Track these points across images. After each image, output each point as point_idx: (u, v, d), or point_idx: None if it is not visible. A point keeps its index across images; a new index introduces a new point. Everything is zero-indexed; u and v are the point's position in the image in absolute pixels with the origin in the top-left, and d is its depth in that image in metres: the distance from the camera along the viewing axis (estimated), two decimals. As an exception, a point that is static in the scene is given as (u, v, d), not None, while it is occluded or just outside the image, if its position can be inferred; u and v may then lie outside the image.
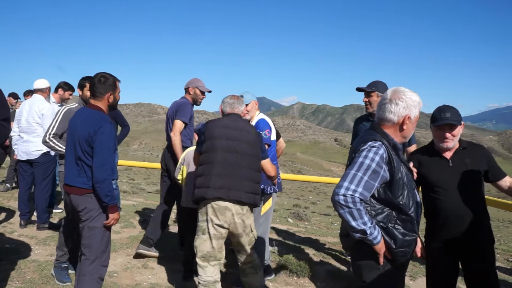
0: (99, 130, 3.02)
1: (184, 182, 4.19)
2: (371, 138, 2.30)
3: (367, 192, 2.16)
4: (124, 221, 6.29)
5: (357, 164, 2.19)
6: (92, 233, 3.13)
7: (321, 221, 8.86)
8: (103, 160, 3.02)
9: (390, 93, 2.39)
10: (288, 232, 6.83)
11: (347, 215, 2.12)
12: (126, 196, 9.47)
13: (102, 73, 3.23)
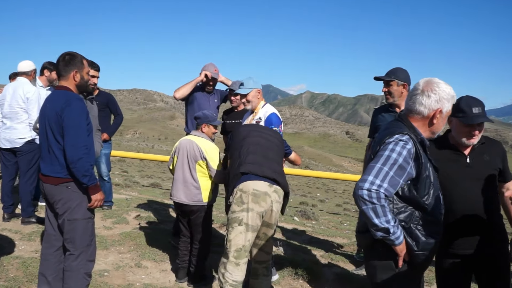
0: (66, 107, 3.03)
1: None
2: (398, 130, 2.28)
3: (392, 189, 2.16)
4: (116, 216, 6.30)
5: (383, 157, 2.18)
6: (72, 226, 3.14)
7: (329, 220, 8.86)
8: (74, 138, 3.03)
9: (423, 84, 2.37)
10: (294, 232, 6.82)
11: (370, 212, 2.11)
12: (118, 189, 9.48)
13: (68, 52, 3.25)
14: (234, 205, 3.33)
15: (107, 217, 6.20)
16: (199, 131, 4.32)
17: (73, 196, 3.13)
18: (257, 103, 4.14)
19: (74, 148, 3.01)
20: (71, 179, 3.12)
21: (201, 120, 4.31)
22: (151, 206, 7.43)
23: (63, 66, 3.19)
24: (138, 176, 17.15)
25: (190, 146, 4.19)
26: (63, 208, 3.12)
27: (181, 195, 4.17)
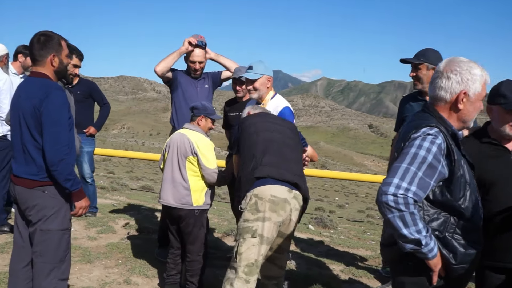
0: (46, 99, 3.02)
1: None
2: (425, 123, 2.27)
3: (422, 192, 2.14)
4: (101, 224, 6.33)
5: (410, 155, 2.16)
6: (45, 237, 3.13)
7: (350, 229, 8.85)
8: (55, 136, 3.02)
9: (443, 65, 2.36)
10: (309, 242, 6.82)
11: (397, 221, 2.09)
12: (103, 193, 9.54)
13: (43, 31, 3.21)
14: (248, 212, 3.24)
15: (91, 225, 6.23)
16: (194, 124, 4.33)
17: (50, 202, 3.11)
18: (265, 93, 4.09)
19: (55, 148, 3.00)
20: (50, 183, 3.11)
21: (198, 112, 4.32)
22: (142, 213, 7.46)
23: (38, 49, 3.15)
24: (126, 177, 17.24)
25: (180, 141, 4.21)
26: (37, 216, 3.11)
27: (169, 196, 4.20)
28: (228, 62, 5.22)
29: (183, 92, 5.06)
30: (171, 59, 4.98)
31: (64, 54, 3.24)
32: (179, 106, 5.12)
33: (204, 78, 5.17)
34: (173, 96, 5.17)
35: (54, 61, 3.18)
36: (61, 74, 3.27)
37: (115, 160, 33.80)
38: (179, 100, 5.09)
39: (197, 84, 5.12)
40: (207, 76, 5.19)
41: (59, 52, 3.21)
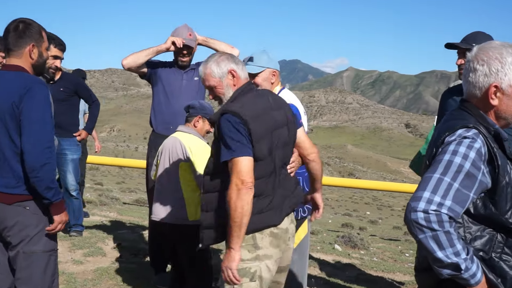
0: (26, 95, 3.03)
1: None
2: (461, 123, 2.25)
3: (459, 207, 2.12)
4: (89, 246, 6.37)
5: (443, 164, 2.15)
6: (30, 261, 3.14)
7: (384, 249, 8.80)
8: (37, 135, 3.03)
9: (472, 53, 2.34)
10: (335, 266, 6.81)
11: (430, 242, 2.08)
12: (91, 208, 9.58)
13: (21, 18, 3.23)
14: (243, 249, 3.02)
15: (77, 247, 6.27)
16: (189, 126, 4.36)
17: (33, 220, 3.12)
18: (270, 89, 4.07)
19: (37, 150, 3.00)
20: (31, 197, 3.12)
21: (195, 111, 4.34)
22: (136, 232, 7.50)
23: (16, 38, 3.16)
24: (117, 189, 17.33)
25: (173, 146, 4.25)
26: (18, 237, 3.11)
27: (160, 210, 4.23)
28: (222, 45, 5.12)
29: (163, 86, 5.08)
30: (143, 56, 5.00)
31: (44, 47, 3.27)
32: (158, 102, 5.14)
33: (194, 69, 5.11)
34: (153, 91, 5.22)
35: (33, 53, 3.20)
36: (39, 68, 3.30)
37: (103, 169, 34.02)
38: (158, 96, 5.12)
39: (183, 76, 5.09)
40: (197, 66, 5.08)
41: (39, 43, 3.23)
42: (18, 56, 3.19)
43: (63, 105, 6.03)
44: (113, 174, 31.70)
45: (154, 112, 5.13)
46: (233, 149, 2.89)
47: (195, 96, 4.96)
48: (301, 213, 4.04)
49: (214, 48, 5.13)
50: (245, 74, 3.26)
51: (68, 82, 6.42)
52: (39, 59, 3.25)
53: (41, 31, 3.25)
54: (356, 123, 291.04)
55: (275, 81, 4.10)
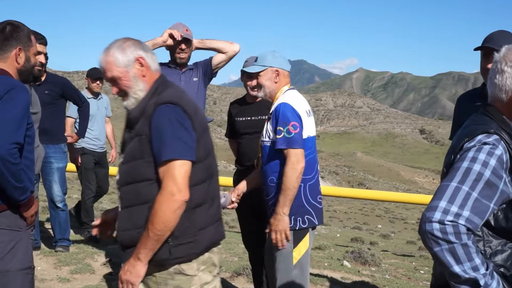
0: (6, 95, 3.00)
1: None
2: (481, 128, 2.25)
3: (478, 218, 2.11)
4: (76, 262, 6.36)
5: (461, 171, 2.15)
6: (5, 281, 3.11)
7: (397, 265, 8.79)
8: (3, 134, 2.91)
9: (500, 54, 2.34)
10: (344, 284, 6.81)
11: (446, 255, 2.08)
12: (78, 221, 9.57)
13: (9, 20, 3.25)
14: (203, 273, 2.93)
15: (63, 263, 6.27)
16: None
17: (5, 235, 3.09)
18: (275, 89, 4.12)
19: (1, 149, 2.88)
20: (2, 207, 3.08)
21: None
22: (128, 247, 7.48)
23: (2, 40, 3.18)
24: (107, 201, 17.31)
25: None
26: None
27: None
28: (219, 43, 5.12)
29: None
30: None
31: (32, 52, 3.30)
32: None
33: (192, 69, 5.09)
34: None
35: (19, 57, 3.22)
36: (25, 74, 3.31)
37: (92, 178, 34.06)
38: None
39: (181, 77, 5.05)
40: (195, 66, 5.10)
41: (27, 47, 3.26)
42: (3, 60, 3.20)
43: (48, 109, 5.99)
44: (103, 184, 31.74)
45: None
46: (175, 149, 2.68)
47: (195, 98, 4.94)
48: (299, 223, 3.99)
49: (212, 47, 5.13)
50: (156, 65, 3.01)
51: (53, 84, 6.40)
52: (26, 64, 3.27)
53: (29, 35, 3.28)
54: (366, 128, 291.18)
55: (280, 81, 4.11)
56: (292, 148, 3.81)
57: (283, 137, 3.82)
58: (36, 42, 3.37)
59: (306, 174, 3.96)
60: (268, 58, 4.11)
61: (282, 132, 3.83)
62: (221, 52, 5.10)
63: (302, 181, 3.94)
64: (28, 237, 3.26)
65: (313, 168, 4.07)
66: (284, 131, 3.83)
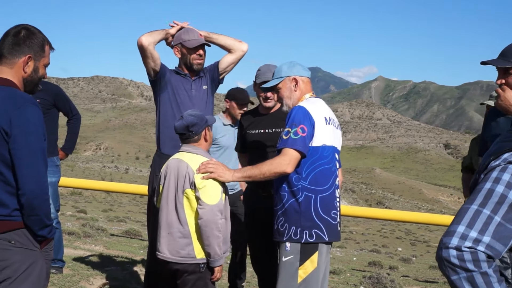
0: (17, 118, 3.01)
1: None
2: (508, 146, 2.24)
3: (501, 244, 2.08)
4: (70, 285, 6.37)
5: (482, 193, 2.12)
6: None
7: (420, 292, 8.76)
8: (35, 169, 3.04)
9: None
10: (360, 312, 6.77)
11: (464, 284, 2.06)
12: (72, 240, 9.61)
13: (25, 25, 3.25)
14: None
15: (57, 286, 6.27)
16: (195, 144, 4.29)
17: (19, 255, 3.11)
18: (296, 99, 4.16)
19: (37, 187, 3.03)
20: (18, 225, 3.12)
21: (198, 127, 4.25)
22: (127, 269, 7.50)
23: (12, 44, 3.17)
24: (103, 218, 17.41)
25: (177, 169, 4.21)
26: (2, 274, 3.10)
27: (164, 246, 4.21)
28: (227, 40, 5.17)
29: (174, 94, 5.02)
30: (157, 34, 5.00)
31: (43, 63, 3.29)
32: (165, 114, 5.07)
33: (201, 77, 5.10)
34: (158, 101, 5.13)
35: (27, 66, 3.21)
36: (31, 85, 3.30)
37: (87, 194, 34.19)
38: (165, 106, 5.05)
39: (191, 86, 5.06)
40: (204, 74, 5.13)
41: (38, 56, 3.24)
42: (9, 66, 3.19)
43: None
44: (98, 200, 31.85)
45: (160, 126, 5.08)
46: None
47: (204, 108, 4.95)
48: (306, 237, 3.95)
49: (219, 43, 5.17)
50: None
51: (45, 92, 6.38)
52: (33, 74, 3.26)
53: (44, 44, 3.26)
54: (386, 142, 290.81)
55: (300, 89, 4.16)
56: (291, 148, 3.85)
57: (289, 138, 3.85)
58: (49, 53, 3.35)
59: (317, 185, 3.97)
60: (283, 69, 4.18)
61: (289, 133, 3.86)
62: (228, 50, 5.15)
63: (313, 192, 3.95)
64: (45, 258, 3.28)
65: (327, 180, 4.04)
66: (292, 132, 3.86)
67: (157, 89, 5.11)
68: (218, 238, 4.06)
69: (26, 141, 3.03)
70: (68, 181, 12.07)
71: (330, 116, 4.14)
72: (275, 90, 4.22)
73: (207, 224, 4.00)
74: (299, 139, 3.85)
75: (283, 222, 4.01)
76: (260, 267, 5.25)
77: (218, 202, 4.07)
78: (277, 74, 4.21)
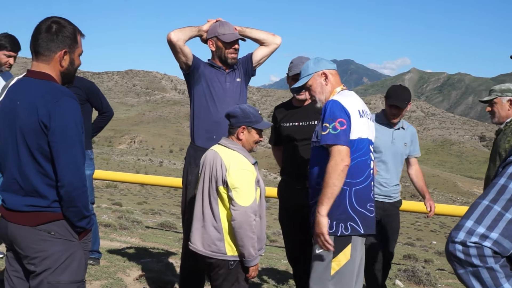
0: (56, 110, 3.06)
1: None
2: None
3: (510, 242, 2.05)
4: (107, 276, 6.42)
5: (495, 189, 2.09)
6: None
7: (455, 286, 8.68)
8: (73, 161, 3.11)
9: None
10: (395, 305, 6.72)
11: (471, 279, 2.04)
12: (109, 233, 9.68)
13: (55, 18, 3.25)
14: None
15: (94, 277, 6.32)
16: (232, 139, 4.27)
17: (58, 245, 3.16)
18: (328, 93, 4.14)
19: (75, 179, 3.09)
20: (57, 216, 3.17)
21: (237, 121, 4.21)
22: (162, 261, 7.54)
23: (46, 41, 3.19)
24: (138, 211, 17.51)
25: (213, 162, 4.20)
26: (42, 265, 3.15)
27: (196, 238, 4.22)
28: (261, 34, 5.17)
29: (208, 87, 5.01)
30: (189, 30, 4.99)
31: (77, 53, 3.32)
32: (199, 107, 5.07)
33: (235, 70, 5.09)
34: (193, 94, 5.13)
35: (63, 60, 3.24)
36: (68, 77, 3.35)
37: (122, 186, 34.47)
38: (200, 99, 5.05)
39: (226, 78, 5.05)
40: (238, 67, 5.12)
41: (73, 48, 3.27)
42: (46, 62, 3.23)
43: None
44: (133, 193, 32.08)
45: (194, 119, 5.09)
46: None
47: (238, 101, 4.94)
48: (341, 229, 3.95)
49: (253, 37, 5.16)
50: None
51: (79, 87, 6.43)
52: (70, 66, 3.29)
53: (75, 35, 3.28)
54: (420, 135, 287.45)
55: (330, 82, 4.14)
56: (336, 145, 3.82)
57: (328, 133, 3.83)
58: (81, 42, 3.37)
59: (352, 178, 3.94)
60: (310, 66, 4.18)
61: (327, 129, 3.84)
62: (262, 43, 5.15)
63: (347, 185, 3.93)
64: (83, 249, 3.34)
65: (363, 173, 4.03)
66: (330, 127, 3.84)
67: (191, 82, 5.11)
68: (252, 239, 4.03)
69: (65, 133, 3.08)
70: (103, 174, 12.16)
71: (363, 108, 4.12)
72: (305, 88, 4.21)
73: (240, 226, 3.98)
74: (340, 133, 3.83)
75: None
76: (295, 260, 5.25)
77: (252, 204, 4.03)
78: (304, 72, 4.20)
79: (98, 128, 6.87)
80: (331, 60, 4.28)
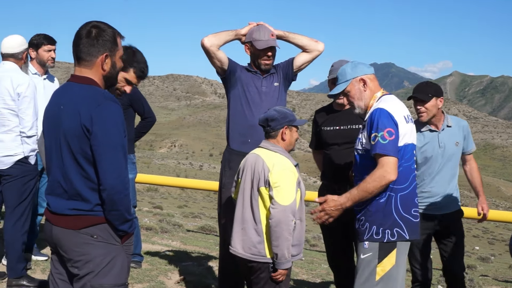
0: (99, 115, 3.09)
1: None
2: None
3: None
4: (148, 279, 6.44)
5: None
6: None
7: (500, 291, 8.52)
8: (116, 165, 3.13)
9: None
10: (438, 311, 6.62)
11: None
12: (150, 236, 9.73)
13: (94, 22, 3.28)
14: None
15: (136, 280, 6.36)
16: (274, 142, 4.27)
17: (101, 249, 3.19)
18: (368, 99, 4.10)
19: (118, 182, 3.11)
20: (100, 220, 3.20)
21: (277, 124, 4.22)
22: (202, 264, 7.56)
23: (88, 46, 3.23)
24: (179, 214, 17.58)
25: (255, 165, 4.20)
26: (85, 268, 3.19)
27: (237, 242, 4.23)
28: (304, 40, 5.14)
29: (244, 91, 5.03)
30: (224, 35, 5.02)
31: (118, 56, 3.34)
32: (235, 111, 5.10)
33: (273, 74, 5.09)
34: (229, 97, 5.16)
35: (105, 64, 3.27)
36: (110, 81, 3.38)
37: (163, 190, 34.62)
38: (236, 103, 5.08)
39: (262, 83, 5.05)
40: (275, 70, 5.12)
41: (114, 52, 3.30)
42: (88, 67, 3.26)
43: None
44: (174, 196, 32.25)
45: (230, 122, 5.12)
46: None
47: (275, 105, 4.80)
48: (388, 236, 3.93)
49: (295, 43, 5.14)
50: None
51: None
52: (112, 70, 3.33)
53: (115, 38, 3.31)
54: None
55: (369, 88, 4.09)
56: (386, 156, 3.80)
57: (377, 142, 3.81)
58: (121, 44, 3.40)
59: (397, 184, 3.92)
60: (347, 71, 4.12)
61: (376, 138, 3.82)
62: (304, 49, 5.12)
63: (393, 191, 3.92)
64: (126, 252, 3.36)
65: (407, 178, 4.00)
66: (379, 137, 3.82)
67: (228, 86, 5.14)
68: (287, 240, 4.02)
69: (107, 137, 3.10)
70: (144, 177, 12.26)
71: (407, 113, 4.07)
72: (343, 94, 4.17)
73: (277, 224, 3.98)
74: (389, 143, 3.82)
75: (363, 222, 3.99)
76: (336, 265, 5.21)
77: (292, 203, 4.03)
78: (342, 78, 4.14)
79: (140, 134, 6.89)
80: (371, 63, 4.24)
